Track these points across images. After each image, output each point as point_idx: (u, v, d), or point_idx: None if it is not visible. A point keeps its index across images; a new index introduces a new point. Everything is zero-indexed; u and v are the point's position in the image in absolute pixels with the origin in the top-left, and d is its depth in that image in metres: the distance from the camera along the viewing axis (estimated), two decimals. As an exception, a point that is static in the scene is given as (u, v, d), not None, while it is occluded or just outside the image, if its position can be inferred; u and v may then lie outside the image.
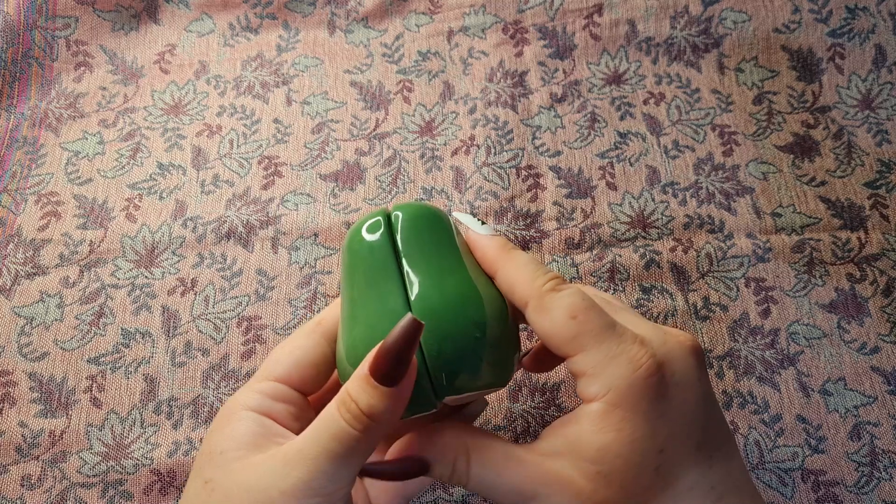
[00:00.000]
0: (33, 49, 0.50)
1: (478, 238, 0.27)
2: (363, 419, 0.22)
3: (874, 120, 0.47)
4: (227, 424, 0.25)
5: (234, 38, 0.52)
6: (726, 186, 0.45)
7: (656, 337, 0.24)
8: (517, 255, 0.26)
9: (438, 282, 0.25)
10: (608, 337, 0.23)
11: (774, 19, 0.50)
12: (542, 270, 0.25)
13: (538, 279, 0.25)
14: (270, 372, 0.27)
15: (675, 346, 0.24)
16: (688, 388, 0.24)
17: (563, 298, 0.24)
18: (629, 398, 0.23)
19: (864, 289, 0.42)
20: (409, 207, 0.27)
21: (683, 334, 0.25)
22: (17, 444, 0.38)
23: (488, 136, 0.48)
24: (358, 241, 0.26)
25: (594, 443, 0.23)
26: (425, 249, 0.26)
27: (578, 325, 0.23)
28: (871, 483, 0.36)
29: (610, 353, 0.23)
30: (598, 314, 0.24)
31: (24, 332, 0.41)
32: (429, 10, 0.53)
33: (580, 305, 0.24)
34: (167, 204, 0.46)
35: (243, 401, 0.26)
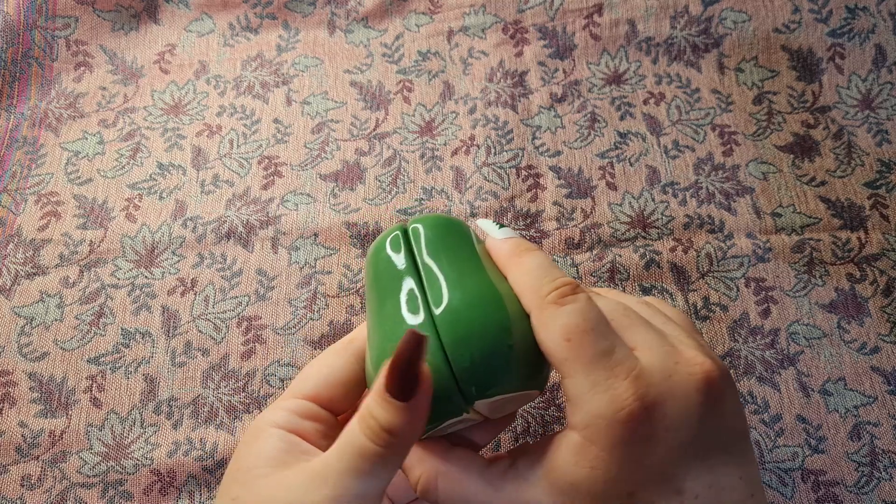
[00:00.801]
0: (33, 49, 0.50)
1: (492, 242, 0.27)
2: (383, 435, 0.22)
3: (874, 120, 0.47)
4: (254, 442, 0.25)
5: (233, 38, 0.52)
6: (726, 186, 0.45)
7: (662, 368, 0.22)
8: (526, 259, 0.25)
9: (459, 289, 0.25)
10: (598, 367, 0.22)
11: (774, 19, 0.50)
12: (550, 276, 0.24)
13: (542, 288, 0.24)
14: (299, 390, 0.27)
15: (682, 380, 0.22)
16: (682, 430, 0.22)
17: (561, 317, 0.23)
18: (606, 438, 0.22)
19: (864, 289, 0.42)
20: (427, 220, 0.27)
21: (701, 363, 0.23)
22: (17, 444, 0.38)
23: (488, 136, 0.48)
24: (378, 256, 0.27)
25: (567, 475, 0.22)
26: (445, 258, 0.26)
27: (571, 350, 0.22)
28: (871, 483, 0.36)
29: (596, 386, 0.22)
30: (594, 339, 0.22)
31: (24, 332, 0.41)
32: (429, 10, 0.53)
33: (577, 327, 0.22)
34: (167, 204, 0.46)
35: (270, 418, 0.26)
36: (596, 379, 0.22)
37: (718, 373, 0.23)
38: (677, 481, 0.22)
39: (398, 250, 0.26)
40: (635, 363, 0.22)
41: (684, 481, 0.22)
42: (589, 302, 0.23)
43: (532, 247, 0.26)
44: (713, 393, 0.23)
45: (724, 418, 0.23)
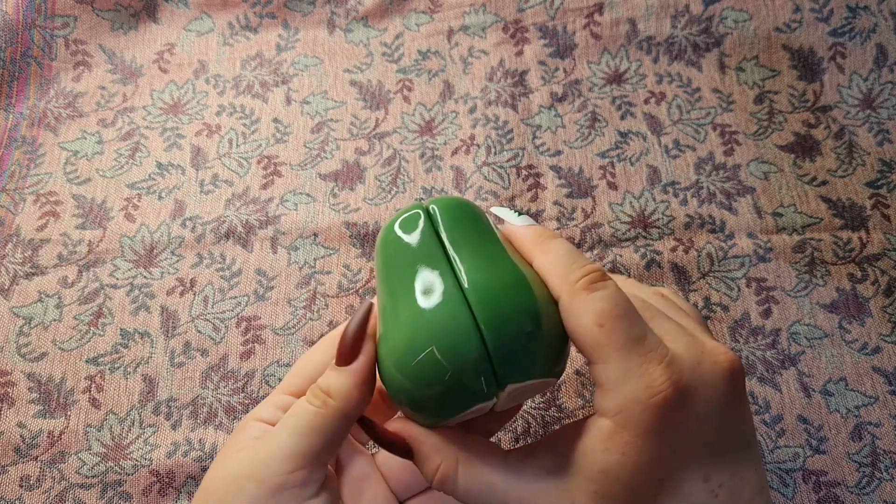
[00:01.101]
0: (32, 48, 0.50)
1: (515, 228, 0.26)
2: (320, 395, 0.24)
3: (875, 119, 0.47)
4: (236, 434, 0.26)
5: (233, 38, 0.52)
6: (727, 186, 0.45)
7: (690, 356, 0.23)
8: (553, 245, 0.25)
9: (489, 270, 0.24)
10: (632, 353, 0.22)
11: (775, 18, 0.50)
12: (579, 263, 0.24)
13: (572, 273, 0.23)
14: (288, 385, 0.27)
15: (710, 369, 0.23)
16: (710, 419, 0.22)
17: (593, 302, 0.22)
18: (640, 424, 0.22)
19: (865, 289, 0.42)
20: (445, 200, 0.26)
21: (725, 353, 0.23)
22: (16, 445, 0.38)
23: (488, 136, 0.47)
24: (396, 237, 0.26)
25: (598, 462, 0.22)
26: (468, 240, 0.25)
27: (604, 335, 0.22)
28: (872, 483, 0.36)
29: (630, 372, 0.22)
30: (628, 325, 0.22)
31: (23, 333, 0.41)
32: (429, 10, 0.53)
33: (609, 312, 0.22)
34: (166, 204, 0.46)
35: (257, 413, 0.27)
36: (630, 365, 0.22)
37: (740, 364, 0.23)
38: (705, 468, 0.22)
39: (419, 229, 0.25)
40: (667, 350, 0.22)
41: (711, 470, 0.23)
42: (618, 288, 0.23)
43: (555, 234, 0.26)
44: (737, 384, 0.23)
45: (744, 412, 0.24)
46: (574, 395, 0.39)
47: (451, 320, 0.23)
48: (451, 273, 0.24)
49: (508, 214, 0.27)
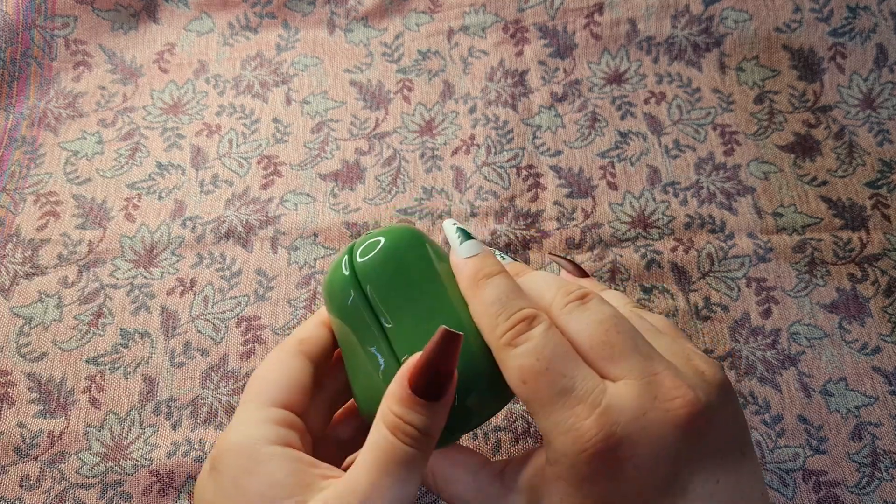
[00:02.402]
0: (32, 48, 0.50)
1: (454, 261, 0.25)
2: (421, 438, 0.22)
3: (875, 119, 0.47)
4: (254, 468, 0.23)
5: (233, 38, 0.52)
6: (727, 186, 0.45)
7: (636, 405, 0.21)
8: (484, 291, 0.23)
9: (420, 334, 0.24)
10: (558, 407, 0.21)
11: (775, 18, 0.50)
12: (505, 313, 0.23)
13: (497, 327, 0.23)
14: (272, 397, 0.25)
15: (657, 419, 0.21)
16: (655, 466, 0.21)
17: (515, 359, 0.22)
18: (571, 476, 0.21)
19: (865, 289, 0.42)
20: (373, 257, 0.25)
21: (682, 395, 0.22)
22: (16, 445, 0.38)
23: (488, 136, 0.47)
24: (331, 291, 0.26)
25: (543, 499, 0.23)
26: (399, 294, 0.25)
27: (528, 391, 0.22)
28: (872, 483, 0.36)
29: (558, 427, 0.21)
30: (551, 379, 0.21)
31: (23, 333, 0.41)
32: (429, 10, 0.53)
33: (531, 369, 0.22)
34: (166, 204, 0.46)
35: (258, 436, 0.24)
36: (556, 419, 0.21)
37: (700, 404, 0.22)
38: None
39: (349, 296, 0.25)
40: (600, 398, 0.21)
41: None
42: (545, 337, 0.22)
43: (492, 270, 0.24)
44: (692, 427, 0.22)
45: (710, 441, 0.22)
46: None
47: None
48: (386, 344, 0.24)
49: (453, 238, 0.26)
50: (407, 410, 0.22)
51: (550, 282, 0.25)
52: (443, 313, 0.24)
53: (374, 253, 0.25)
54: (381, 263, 0.25)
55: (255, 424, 0.24)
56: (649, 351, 0.23)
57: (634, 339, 0.23)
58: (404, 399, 0.22)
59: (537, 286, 0.25)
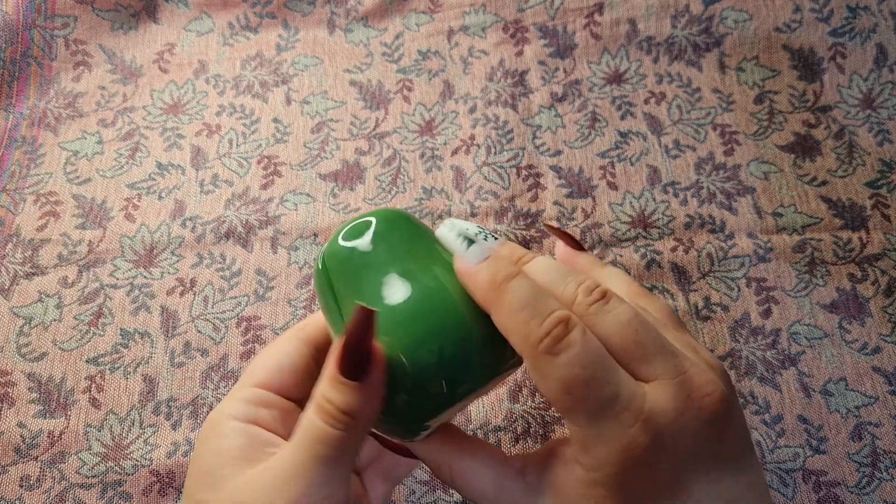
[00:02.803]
0: (32, 48, 0.50)
1: (464, 271, 0.23)
2: (342, 418, 0.22)
3: (875, 119, 0.47)
4: (214, 437, 0.24)
5: (233, 38, 0.52)
6: (727, 186, 0.45)
7: (675, 406, 0.21)
8: (508, 297, 0.22)
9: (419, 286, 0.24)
10: (604, 416, 0.21)
11: (775, 18, 0.50)
12: (538, 318, 0.21)
13: (532, 334, 0.21)
14: (254, 376, 0.26)
15: (693, 416, 0.21)
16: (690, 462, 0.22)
17: (558, 369, 0.21)
18: (613, 482, 0.21)
19: (865, 289, 0.42)
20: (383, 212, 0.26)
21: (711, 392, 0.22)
22: (16, 445, 0.38)
23: (488, 136, 0.47)
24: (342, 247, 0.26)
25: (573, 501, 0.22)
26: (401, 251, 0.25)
27: (572, 401, 0.21)
28: (872, 483, 0.36)
29: (603, 435, 0.21)
30: (597, 387, 0.21)
31: (23, 333, 0.41)
32: (429, 10, 0.53)
33: (577, 378, 0.21)
34: (166, 204, 0.46)
35: (227, 411, 0.25)
36: (602, 428, 0.21)
37: (726, 396, 0.22)
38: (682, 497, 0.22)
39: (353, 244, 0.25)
40: (642, 405, 0.21)
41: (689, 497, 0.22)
42: (584, 342, 0.21)
43: (509, 272, 0.23)
44: (721, 421, 0.22)
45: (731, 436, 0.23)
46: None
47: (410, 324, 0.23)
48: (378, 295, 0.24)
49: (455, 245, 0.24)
50: (331, 391, 0.22)
51: (561, 273, 0.24)
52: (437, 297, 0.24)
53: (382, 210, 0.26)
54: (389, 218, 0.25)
55: (229, 401, 0.25)
56: (673, 348, 0.23)
57: (659, 337, 0.23)
58: (330, 380, 0.22)
59: (550, 279, 0.24)
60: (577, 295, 0.23)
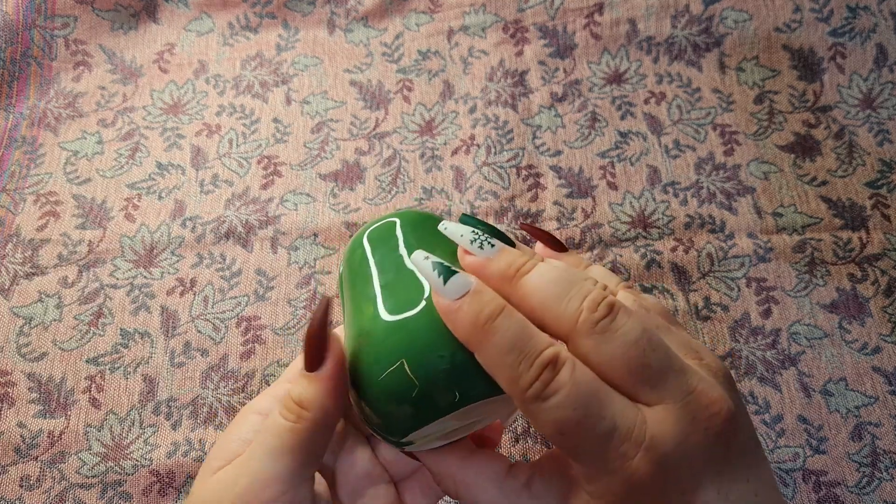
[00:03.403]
0: (32, 48, 0.50)
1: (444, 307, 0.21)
2: (294, 408, 0.22)
3: (875, 119, 0.47)
4: (234, 427, 0.25)
5: (233, 38, 0.52)
6: (727, 186, 0.45)
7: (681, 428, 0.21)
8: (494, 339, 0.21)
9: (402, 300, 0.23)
10: (603, 452, 0.20)
11: (775, 18, 0.50)
12: (527, 362, 0.20)
13: (521, 379, 0.20)
14: (288, 376, 0.27)
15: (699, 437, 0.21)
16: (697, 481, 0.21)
17: (550, 412, 0.20)
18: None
19: (865, 289, 0.41)
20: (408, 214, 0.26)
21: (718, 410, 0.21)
22: (16, 445, 0.38)
23: (488, 136, 0.47)
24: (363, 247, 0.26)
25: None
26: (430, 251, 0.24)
27: (567, 442, 0.21)
28: (872, 483, 0.36)
29: (606, 467, 0.21)
30: (592, 426, 0.20)
31: (23, 333, 0.41)
32: (429, 10, 0.52)
33: (569, 420, 0.20)
34: (166, 204, 0.46)
35: (254, 405, 0.25)
36: (600, 463, 0.20)
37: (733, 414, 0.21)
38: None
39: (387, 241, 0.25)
40: (642, 433, 0.20)
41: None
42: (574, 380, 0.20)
43: (493, 310, 0.21)
44: (728, 436, 0.21)
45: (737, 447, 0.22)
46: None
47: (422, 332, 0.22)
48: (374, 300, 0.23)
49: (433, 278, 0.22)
50: (292, 384, 0.23)
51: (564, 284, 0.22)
52: None
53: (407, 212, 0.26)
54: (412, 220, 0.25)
55: (260, 397, 0.26)
56: (680, 363, 0.22)
57: (667, 353, 0.22)
58: (293, 373, 0.23)
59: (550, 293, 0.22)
60: (581, 312, 0.21)
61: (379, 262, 0.25)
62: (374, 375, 0.22)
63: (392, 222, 0.26)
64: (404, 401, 0.22)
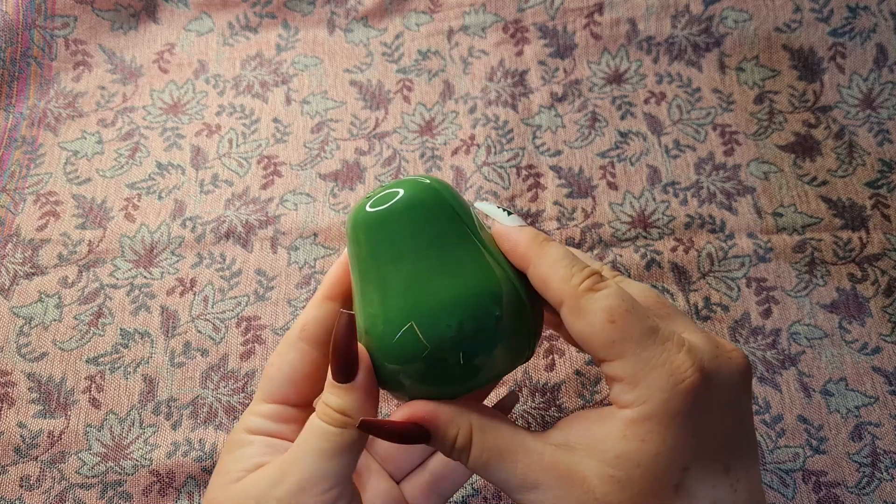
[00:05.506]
0: (32, 48, 0.50)
1: (506, 231, 0.25)
2: (338, 417, 0.24)
3: (875, 119, 0.47)
4: (235, 450, 0.26)
5: (233, 38, 0.52)
6: (727, 186, 0.45)
7: (707, 348, 0.23)
8: (550, 249, 0.24)
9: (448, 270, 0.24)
10: (650, 343, 0.22)
11: (776, 18, 0.50)
12: (579, 266, 0.23)
13: (574, 277, 0.23)
14: (268, 393, 0.27)
15: (727, 362, 0.23)
16: (728, 409, 0.23)
17: (602, 300, 0.22)
18: (665, 412, 0.21)
19: (865, 289, 0.42)
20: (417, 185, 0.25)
21: (736, 350, 0.24)
22: (16, 445, 0.38)
23: (488, 136, 0.47)
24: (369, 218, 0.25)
25: (615, 448, 0.22)
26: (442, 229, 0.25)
27: (617, 330, 0.22)
28: (872, 484, 0.36)
29: (651, 362, 0.22)
30: (640, 317, 0.22)
31: (23, 332, 0.41)
32: (429, 9, 0.52)
33: (620, 308, 0.22)
34: (166, 204, 0.46)
35: (247, 426, 0.27)
36: (649, 354, 0.22)
37: (748, 360, 0.24)
38: (725, 459, 0.22)
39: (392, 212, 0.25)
40: (682, 339, 0.22)
41: (731, 461, 0.23)
42: (621, 287, 0.23)
43: (549, 237, 0.25)
44: (749, 378, 0.24)
45: (751, 412, 0.24)
46: (574, 395, 0.39)
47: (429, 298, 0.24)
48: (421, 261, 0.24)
49: (497, 213, 0.26)
50: (328, 395, 0.24)
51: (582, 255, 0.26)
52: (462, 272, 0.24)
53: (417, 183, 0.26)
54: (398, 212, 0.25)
55: (248, 418, 0.27)
56: (688, 318, 0.25)
57: (675, 307, 0.25)
58: (328, 385, 0.24)
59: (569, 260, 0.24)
60: (602, 269, 0.25)
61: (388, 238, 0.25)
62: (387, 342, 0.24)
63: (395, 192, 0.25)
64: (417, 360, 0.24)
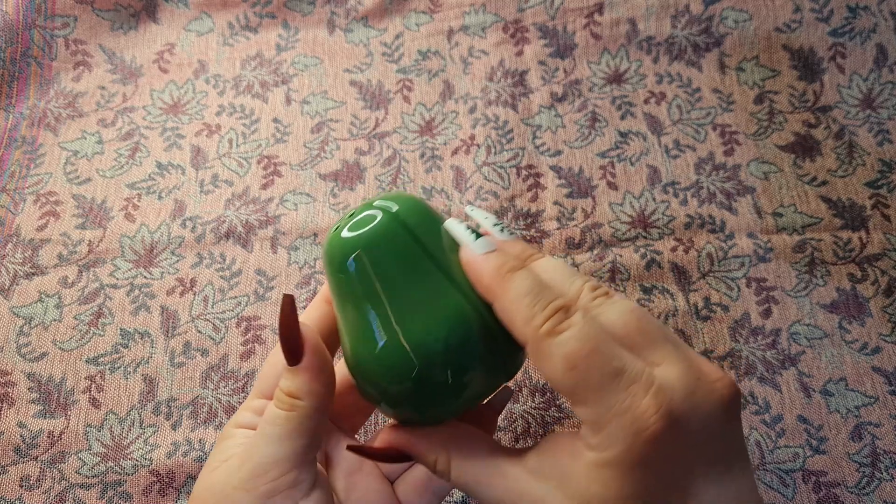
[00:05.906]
0: (32, 48, 0.50)
1: (471, 260, 0.24)
2: (286, 399, 0.24)
3: (875, 119, 0.47)
4: (220, 443, 0.27)
5: (233, 38, 0.52)
6: (727, 186, 0.45)
7: (684, 383, 0.21)
8: (514, 283, 0.23)
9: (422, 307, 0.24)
10: (613, 388, 0.21)
11: (776, 18, 0.50)
12: (542, 303, 0.22)
13: (535, 318, 0.22)
14: (261, 389, 0.28)
15: (706, 395, 0.21)
16: (702, 446, 0.21)
17: (562, 346, 0.21)
18: (627, 460, 0.21)
19: (865, 289, 0.42)
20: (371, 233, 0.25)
21: (722, 379, 0.22)
22: (16, 445, 0.38)
23: (488, 136, 0.47)
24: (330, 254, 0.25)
25: (580, 488, 0.22)
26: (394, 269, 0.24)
27: (578, 377, 0.21)
28: (872, 484, 0.36)
29: (613, 409, 0.21)
30: (603, 360, 0.21)
31: (23, 332, 0.41)
32: (429, 9, 0.52)
33: (581, 352, 0.21)
34: (166, 204, 0.46)
35: (236, 420, 0.27)
36: (611, 402, 0.21)
37: (736, 388, 0.22)
38: (692, 489, 0.22)
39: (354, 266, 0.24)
40: (652, 378, 0.21)
41: (698, 491, 0.22)
42: (586, 324, 0.22)
43: (515, 265, 0.23)
44: (733, 410, 0.22)
45: (739, 432, 0.23)
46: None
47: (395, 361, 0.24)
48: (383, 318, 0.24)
49: (464, 236, 0.25)
50: (281, 379, 0.25)
51: (568, 272, 0.24)
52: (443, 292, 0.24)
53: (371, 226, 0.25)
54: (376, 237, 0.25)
55: (239, 413, 0.28)
56: (675, 339, 0.23)
57: (663, 328, 0.23)
58: (282, 368, 0.25)
59: (556, 276, 0.24)
60: (582, 290, 0.23)
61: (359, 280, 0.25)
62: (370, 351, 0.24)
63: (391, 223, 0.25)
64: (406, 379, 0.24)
